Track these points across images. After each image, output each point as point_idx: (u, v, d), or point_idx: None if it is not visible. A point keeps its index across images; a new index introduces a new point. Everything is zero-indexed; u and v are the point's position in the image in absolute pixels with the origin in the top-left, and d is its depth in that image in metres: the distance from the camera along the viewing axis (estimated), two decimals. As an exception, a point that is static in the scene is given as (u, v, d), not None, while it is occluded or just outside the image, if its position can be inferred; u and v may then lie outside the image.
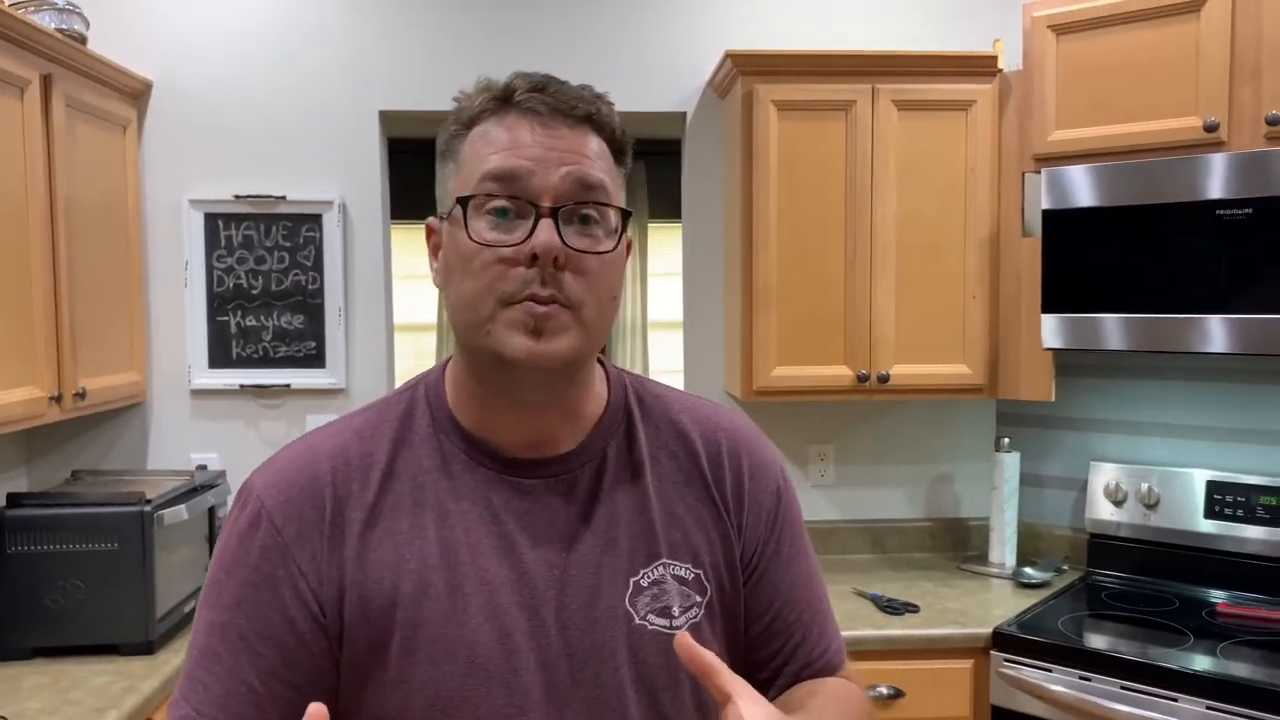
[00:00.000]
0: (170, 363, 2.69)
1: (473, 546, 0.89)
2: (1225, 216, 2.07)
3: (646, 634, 0.91)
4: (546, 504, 0.92)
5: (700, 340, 2.86)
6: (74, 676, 1.99)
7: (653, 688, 0.91)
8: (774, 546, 1.00)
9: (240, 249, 2.67)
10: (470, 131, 0.89)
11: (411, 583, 0.87)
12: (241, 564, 0.88)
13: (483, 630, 0.87)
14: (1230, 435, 2.46)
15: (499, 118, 0.88)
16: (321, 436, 0.95)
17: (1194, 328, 2.12)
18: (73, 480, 2.50)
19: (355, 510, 0.89)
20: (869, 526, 2.86)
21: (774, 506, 1.01)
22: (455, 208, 0.88)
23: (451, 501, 0.90)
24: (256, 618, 0.86)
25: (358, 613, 0.87)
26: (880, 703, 2.21)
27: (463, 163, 0.89)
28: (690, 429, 1.00)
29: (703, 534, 0.96)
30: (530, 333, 0.85)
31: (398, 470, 0.91)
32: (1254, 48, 2.10)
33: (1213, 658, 2.01)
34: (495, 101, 0.89)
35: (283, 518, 0.88)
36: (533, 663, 0.88)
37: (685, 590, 0.94)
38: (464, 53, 2.72)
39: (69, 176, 2.21)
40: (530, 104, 0.87)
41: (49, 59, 2.14)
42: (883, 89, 2.46)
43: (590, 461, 0.94)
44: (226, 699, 0.85)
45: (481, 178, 0.86)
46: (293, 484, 0.90)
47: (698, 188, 2.83)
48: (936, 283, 2.50)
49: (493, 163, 0.86)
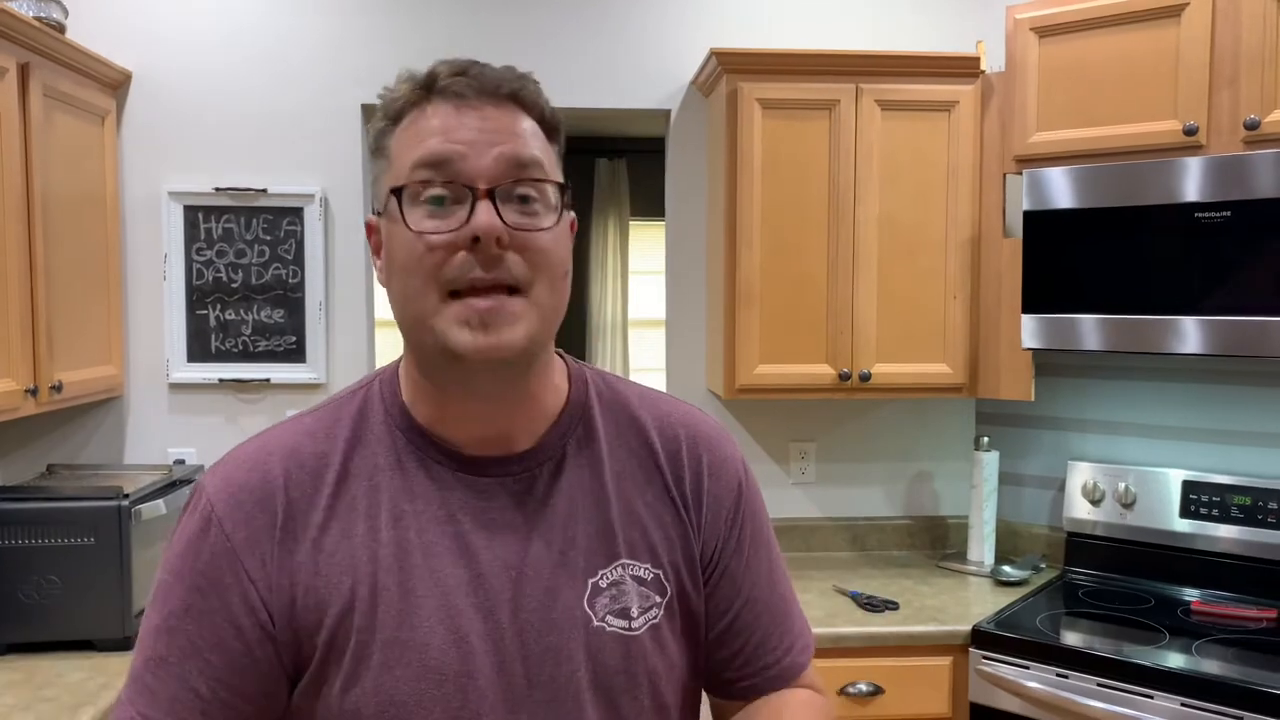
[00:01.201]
0: (148, 356, 2.67)
1: (427, 548, 0.87)
2: (1203, 219, 2.09)
3: (605, 635, 0.90)
4: (503, 504, 0.90)
5: (683, 338, 2.86)
6: (49, 673, 1.97)
7: (611, 690, 0.90)
8: (734, 544, 0.98)
9: (220, 242, 2.65)
10: (397, 125, 0.88)
11: (365, 586, 0.86)
12: (190, 569, 0.86)
13: (436, 633, 0.86)
14: (1206, 435, 2.49)
15: (424, 107, 0.87)
16: (274, 437, 0.93)
17: (1172, 329, 2.14)
18: (48, 474, 2.47)
19: (309, 513, 0.88)
20: (849, 524, 2.88)
21: (734, 504, 0.99)
22: (390, 200, 0.86)
23: (406, 501, 0.89)
24: (204, 624, 0.85)
25: (313, 618, 0.85)
26: (859, 699, 2.23)
27: (393, 156, 0.87)
28: (649, 426, 0.98)
29: (662, 533, 0.94)
30: (477, 327, 0.83)
31: (352, 471, 0.90)
32: (1233, 52, 2.12)
33: (1187, 655, 2.03)
34: (419, 90, 0.87)
35: (232, 522, 0.86)
36: (488, 666, 0.86)
37: (644, 591, 0.92)
38: (447, 47, 2.71)
39: (46, 167, 2.19)
40: (455, 88, 0.86)
41: (27, 48, 2.12)
42: (866, 89, 2.47)
43: (549, 460, 0.92)
44: (173, 704, 0.84)
45: (413, 166, 0.84)
46: (243, 487, 0.88)
47: (681, 186, 2.83)
48: (918, 282, 2.51)
49: (422, 150, 0.84)
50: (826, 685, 2.20)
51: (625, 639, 0.90)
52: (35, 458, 2.61)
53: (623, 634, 0.90)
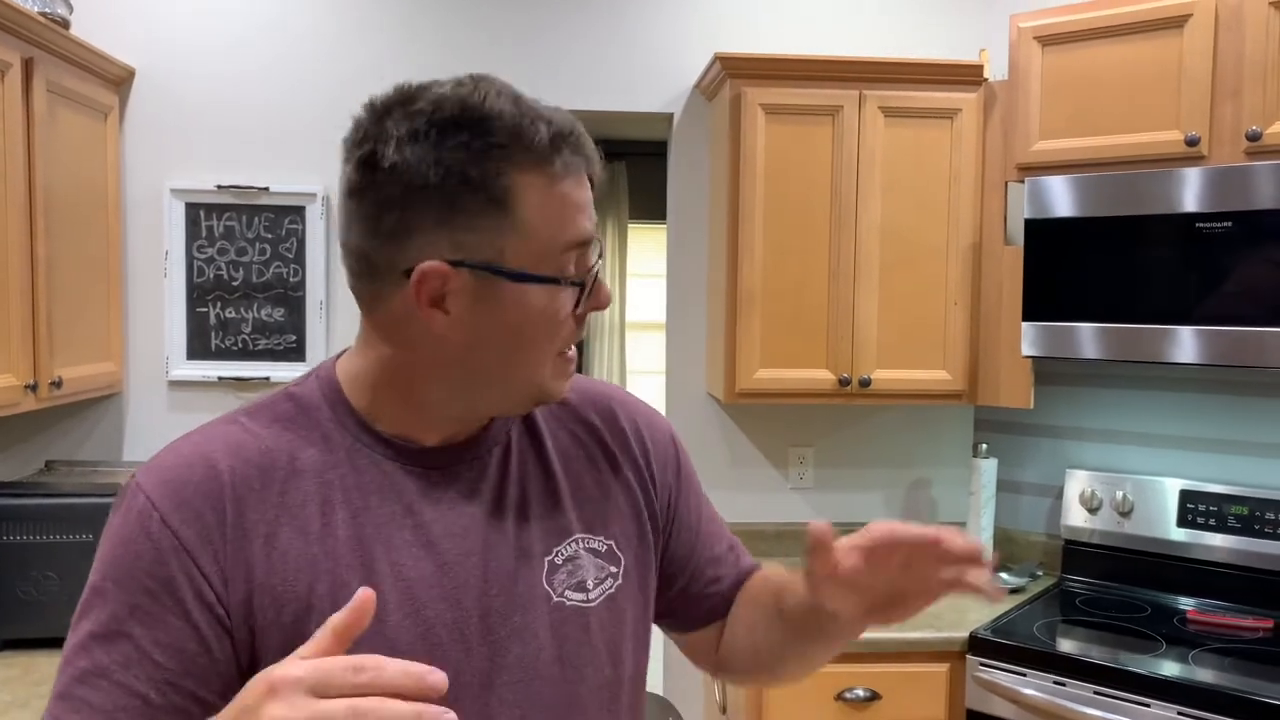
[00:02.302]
0: (148, 353, 2.66)
1: (386, 542, 0.87)
2: (1204, 229, 2.10)
3: (566, 610, 0.92)
4: (457, 492, 0.91)
5: (682, 341, 2.86)
6: (46, 669, 1.97)
7: (575, 662, 0.92)
8: (680, 490, 1.06)
9: (221, 240, 2.65)
10: (522, 174, 0.82)
11: (326, 583, 0.84)
12: (135, 571, 0.82)
13: (404, 628, 0.85)
14: (1203, 445, 2.50)
15: (555, 166, 0.83)
16: (211, 434, 0.90)
17: (1171, 338, 2.15)
18: (47, 471, 2.47)
19: (258, 510, 0.85)
20: (847, 530, 2.86)
21: (675, 456, 1.07)
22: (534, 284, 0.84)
23: (360, 497, 0.88)
24: (155, 626, 0.81)
25: (270, 617, 0.83)
26: (856, 705, 2.23)
27: (525, 220, 0.82)
28: (582, 404, 1.02)
29: (611, 504, 0.98)
30: (569, 376, 0.91)
31: (300, 467, 0.87)
32: (1236, 64, 2.13)
33: (1183, 664, 2.03)
34: (549, 146, 0.83)
35: (179, 519, 0.83)
36: (456, 655, 0.86)
37: (599, 562, 0.95)
38: (450, 47, 2.71)
39: (49, 162, 2.18)
40: (580, 151, 0.85)
41: (31, 42, 2.11)
42: (870, 95, 2.47)
43: (495, 445, 0.94)
44: (114, 714, 0.79)
45: (566, 248, 0.85)
46: (187, 484, 0.84)
47: (683, 189, 2.84)
48: (919, 289, 2.52)
49: (577, 233, 0.85)
50: (823, 691, 2.22)
51: (584, 611, 0.93)
52: (34, 454, 2.60)
53: (582, 606, 0.93)
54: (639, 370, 6.59)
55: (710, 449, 2.83)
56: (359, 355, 0.92)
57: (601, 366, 6.45)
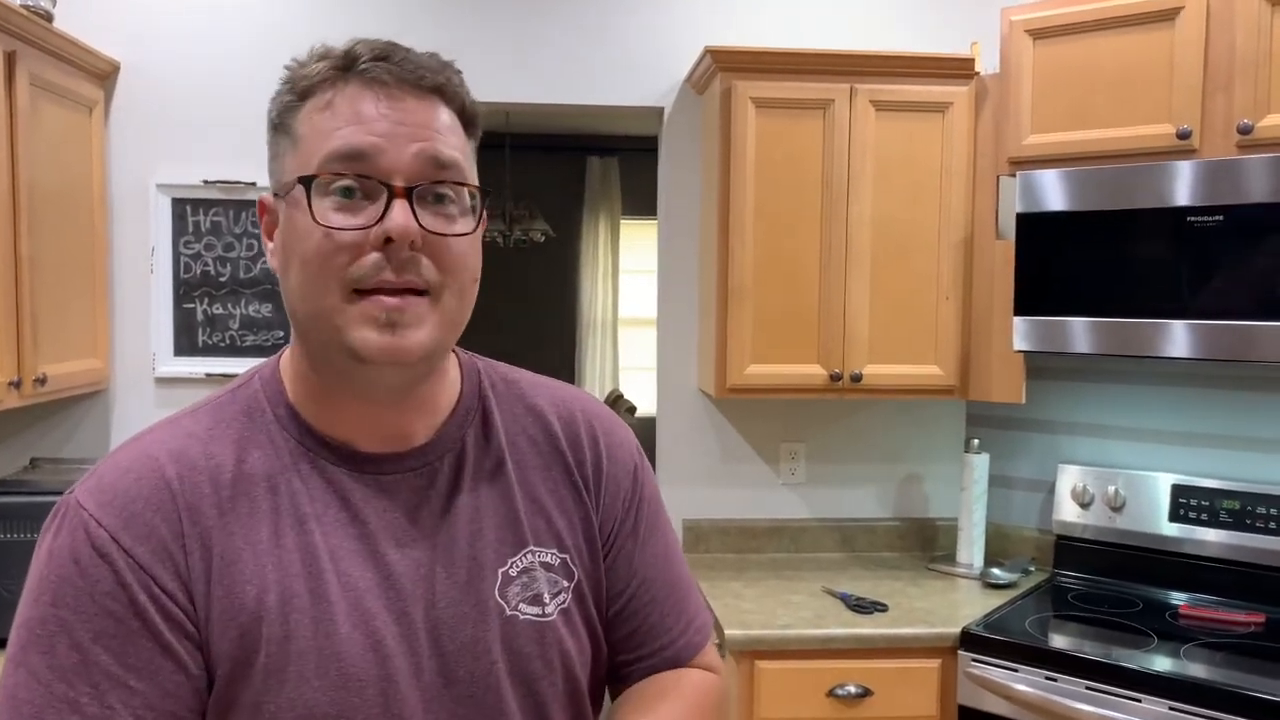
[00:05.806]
0: (134, 350, 2.64)
1: (333, 551, 0.84)
2: (1195, 223, 2.09)
3: (520, 624, 0.88)
4: (406, 500, 0.87)
5: (674, 337, 2.85)
6: (29, 668, 1.95)
7: (528, 677, 0.88)
8: (630, 525, 0.98)
9: (208, 235, 2.63)
10: (306, 102, 0.83)
11: (275, 595, 0.81)
12: (89, 596, 0.77)
13: (352, 640, 0.82)
14: (1195, 440, 2.50)
15: (339, 88, 0.81)
16: (152, 440, 0.85)
17: (1163, 333, 2.14)
18: (31, 468, 2.45)
19: (207, 519, 0.81)
20: (839, 525, 2.87)
21: (631, 486, 0.99)
22: (296, 187, 0.81)
23: (307, 504, 0.84)
24: (125, 651, 0.77)
25: (220, 630, 0.80)
26: (848, 701, 2.22)
27: (301, 138, 0.82)
28: (547, 411, 0.98)
29: (565, 517, 0.94)
30: (384, 326, 0.79)
31: (246, 473, 0.84)
32: (1227, 57, 2.12)
33: (1175, 659, 2.03)
34: (335, 70, 0.82)
35: (131, 537, 0.79)
36: (406, 668, 0.83)
37: (553, 576, 0.91)
38: (438, 40, 2.68)
39: (32, 157, 2.16)
40: (375, 73, 0.81)
41: (13, 35, 2.09)
42: (861, 89, 2.46)
43: (449, 452, 0.90)
44: None
45: (326, 157, 0.80)
46: (134, 498, 0.80)
47: (674, 184, 2.82)
48: (910, 283, 2.51)
49: (338, 139, 0.80)
50: (815, 687, 2.21)
51: (540, 625, 0.89)
52: (19, 451, 2.58)
53: (537, 620, 0.89)
54: (631, 366, 6.58)
55: (702, 445, 2.82)
56: (293, 343, 0.90)
57: (594, 362, 6.44)
